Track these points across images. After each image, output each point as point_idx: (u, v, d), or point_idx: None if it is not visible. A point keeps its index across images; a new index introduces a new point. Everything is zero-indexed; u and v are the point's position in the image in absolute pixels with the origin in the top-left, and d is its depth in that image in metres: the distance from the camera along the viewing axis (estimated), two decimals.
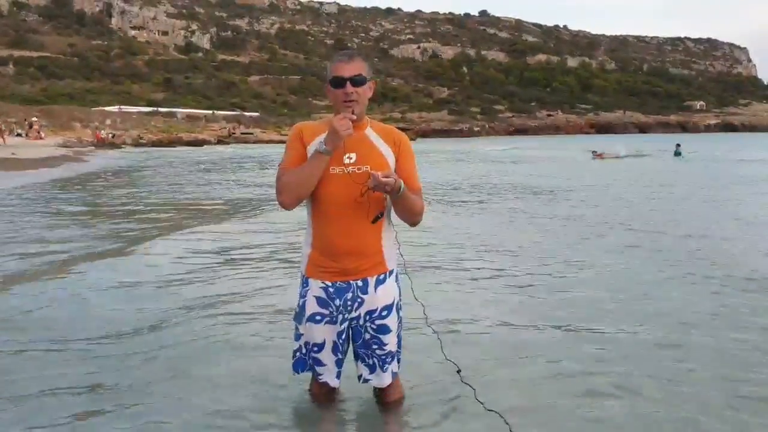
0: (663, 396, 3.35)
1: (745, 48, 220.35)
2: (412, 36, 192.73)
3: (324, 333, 2.79)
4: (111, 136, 54.26)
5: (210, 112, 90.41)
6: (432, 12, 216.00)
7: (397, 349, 2.90)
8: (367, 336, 2.82)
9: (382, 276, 2.78)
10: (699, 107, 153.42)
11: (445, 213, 11.11)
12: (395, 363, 2.91)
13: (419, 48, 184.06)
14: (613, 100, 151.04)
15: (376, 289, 2.77)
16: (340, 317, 2.77)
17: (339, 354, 2.84)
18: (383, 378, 2.88)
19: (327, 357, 2.83)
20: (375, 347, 2.83)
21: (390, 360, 2.87)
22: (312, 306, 2.78)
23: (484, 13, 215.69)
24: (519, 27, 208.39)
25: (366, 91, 2.68)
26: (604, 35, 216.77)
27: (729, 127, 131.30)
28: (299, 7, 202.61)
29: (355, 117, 2.63)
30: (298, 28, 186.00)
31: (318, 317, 2.78)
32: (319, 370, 2.87)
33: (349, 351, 2.92)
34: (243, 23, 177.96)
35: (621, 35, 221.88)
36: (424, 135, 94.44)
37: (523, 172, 23.31)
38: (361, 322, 2.80)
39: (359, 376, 2.92)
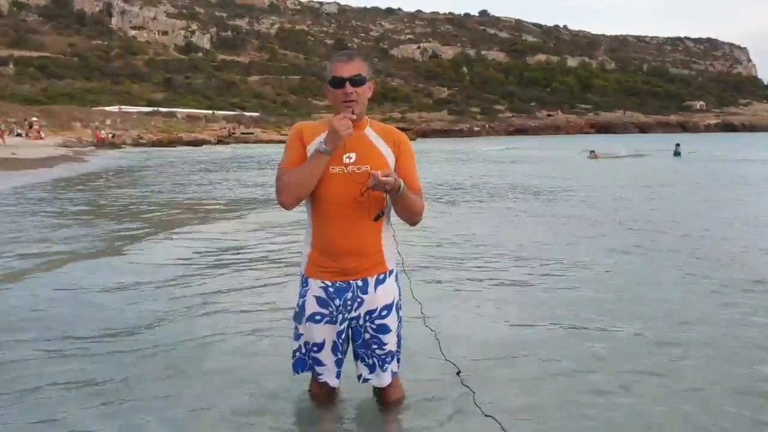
0: (663, 395, 3.35)
1: (745, 48, 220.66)
2: (412, 36, 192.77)
3: (324, 333, 2.79)
4: (111, 136, 54.26)
5: (210, 112, 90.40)
6: (432, 12, 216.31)
7: (397, 349, 2.90)
8: (367, 336, 2.82)
9: (381, 276, 2.78)
10: (699, 107, 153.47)
11: (444, 213, 11.09)
12: (395, 363, 2.91)
13: (419, 48, 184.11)
14: (613, 100, 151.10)
15: (376, 289, 2.77)
16: (339, 317, 2.77)
17: (339, 354, 2.84)
18: (383, 378, 2.88)
19: (327, 357, 2.83)
20: (375, 347, 2.83)
21: (390, 360, 2.87)
22: (312, 306, 2.78)
23: (484, 13, 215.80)
24: (519, 27, 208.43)
25: (365, 91, 2.68)
26: (604, 35, 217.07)
27: (729, 127, 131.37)
28: (299, 7, 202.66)
29: (355, 117, 2.62)
30: (298, 28, 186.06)
31: (318, 317, 2.78)
32: (319, 370, 2.87)
33: (349, 351, 2.91)
34: (243, 23, 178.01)
35: (621, 35, 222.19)
36: (424, 135, 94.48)
37: (520, 171, 23.29)
38: (361, 321, 2.80)
39: (359, 375, 2.92)
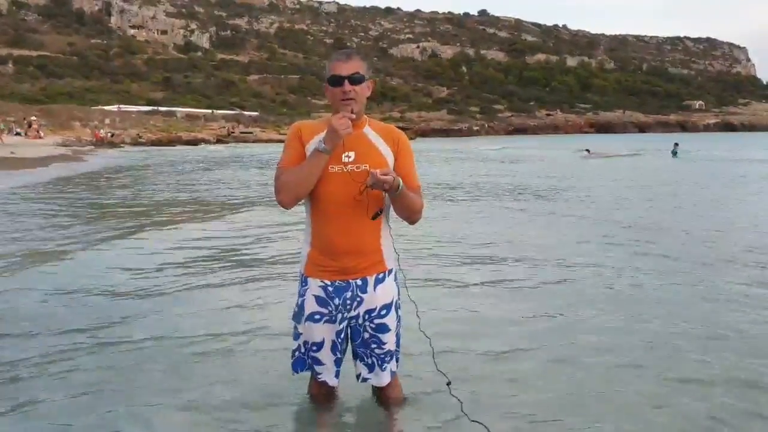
0: (661, 394, 3.35)
1: (745, 47, 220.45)
2: (411, 35, 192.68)
3: (323, 332, 2.79)
4: (110, 135, 54.24)
5: (209, 111, 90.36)
6: (431, 11, 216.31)
7: (396, 348, 2.90)
8: (366, 335, 2.81)
9: (381, 275, 2.78)
10: (698, 107, 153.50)
11: (438, 210, 11.05)
12: (394, 362, 2.90)
13: (418, 47, 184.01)
14: (613, 99, 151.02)
15: (375, 288, 2.77)
16: (339, 316, 2.77)
17: (338, 353, 2.84)
18: (382, 377, 2.88)
19: (326, 356, 2.83)
20: (374, 346, 2.82)
21: (389, 359, 2.87)
22: (311, 305, 2.77)
23: (483, 13, 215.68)
24: (518, 26, 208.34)
25: (364, 90, 2.68)
26: (603, 35, 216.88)
27: (728, 127, 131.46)
28: (298, 7, 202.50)
29: (354, 116, 2.62)
30: (297, 27, 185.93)
31: (317, 316, 2.77)
32: (318, 369, 2.86)
33: (348, 350, 2.90)
34: (242, 22, 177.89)
35: (620, 35, 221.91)
36: (423, 134, 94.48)
37: (513, 171, 23.34)
38: (360, 321, 2.80)
39: (358, 375, 2.91)
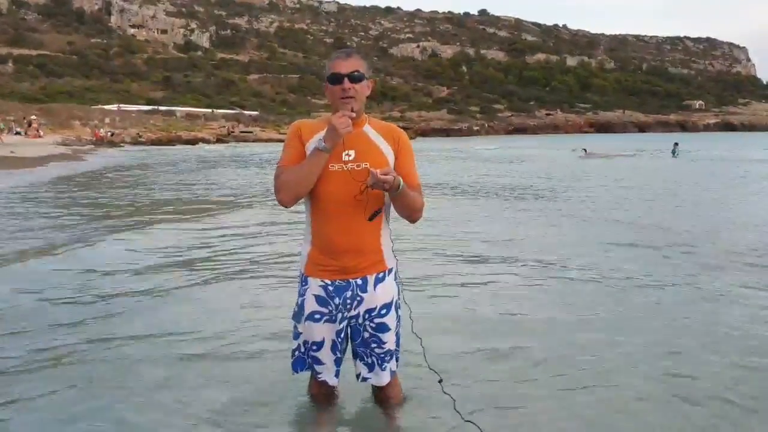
0: (658, 393, 3.35)
1: (745, 47, 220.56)
2: (411, 35, 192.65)
3: (323, 332, 2.78)
4: (110, 134, 54.22)
5: (209, 110, 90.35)
6: (431, 11, 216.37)
7: (396, 348, 2.89)
8: (366, 334, 2.81)
9: (381, 274, 2.78)
10: (698, 106, 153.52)
11: (431, 211, 11.08)
12: (394, 362, 2.89)
13: (418, 47, 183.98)
14: (613, 99, 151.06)
15: (375, 288, 2.76)
16: (339, 316, 2.76)
17: (338, 353, 2.84)
18: (382, 377, 2.87)
19: (326, 356, 2.82)
20: (374, 346, 2.82)
21: (389, 358, 2.86)
22: (311, 304, 2.77)
23: (483, 12, 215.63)
24: (518, 26, 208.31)
25: (364, 89, 2.67)
26: (603, 34, 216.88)
27: (728, 127, 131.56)
28: (298, 6, 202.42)
29: (354, 114, 2.62)
30: (297, 26, 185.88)
31: (317, 316, 2.77)
32: (318, 368, 2.86)
33: (348, 350, 2.90)
34: (242, 22, 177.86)
35: (620, 34, 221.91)
36: (423, 134, 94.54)
37: (506, 171, 23.41)
38: (360, 320, 2.79)
39: (358, 374, 2.91)
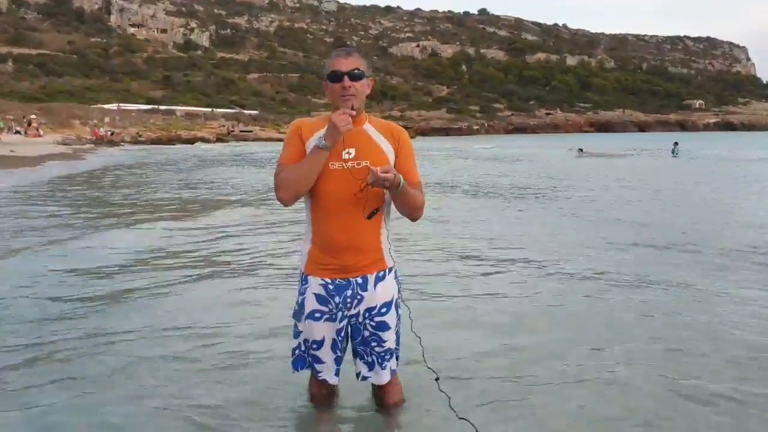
0: (658, 392, 3.35)
1: (744, 47, 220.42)
2: (411, 34, 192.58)
3: (323, 330, 2.78)
4: (110, 133, 54.21)
5: (209, 109, 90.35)
6: (431, 10, 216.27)
7: (396, 347, 2.89)
8: (366, 333, 2.81)
9: (381, 273, 2.78)
10: (698, 106, 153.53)
11: (433, 208, 11.07)
12: (394, 360, 2.89)
13: (418, 46, 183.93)
14: (613, 98, 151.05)
15: (375, 286, 2.76)
16: (339, 314, 2.76)
17: (338, 351, 2.84)
18: (382, 375, 2.87)
19: (326, 354, 2.82)
20: (374, 344, 2.82)
21: (389, 357, 2.86)
22: (311, 303, 2.77)
23: (483, 12, 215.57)
24: (518, 25, 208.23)
25: (364, 87, 2.67)
26: (603, 34, 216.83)
27: (728, 126, 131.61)
28: (298, 5, 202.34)
29: (354, 112, 2.62)
30: (297, 26, 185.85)
31: (317, 314, 2.77)
32: (318, 367, 2.86)
33: (348, 349, 2.89)
34: (242, 21, 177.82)
35: (620, 34, 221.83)
36: (423, 133, 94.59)
37: (502, 170, 23.47)
38: (361, 319, 2.79)
39: (358, 373, 2.91)
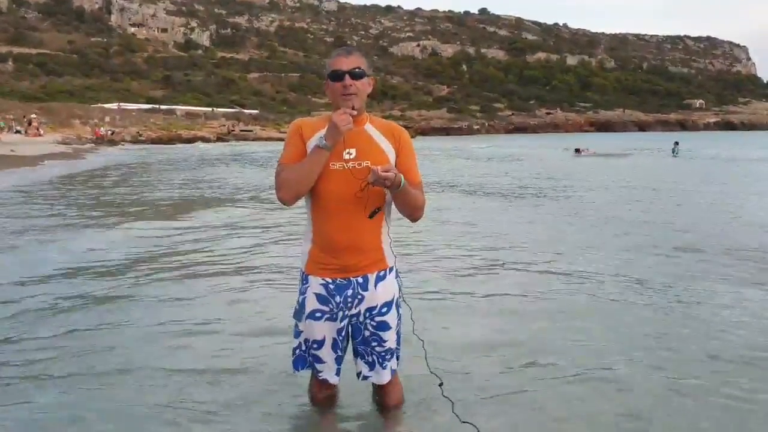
0: (661, 391, 3.35)
1: (745, 46, 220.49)
2: (411, 34, 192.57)
3: (324, 330, 2.78)
4: (110, 133, 54.17)
5: (209, 109, 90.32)
6: (432, 10, 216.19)
7: (397, 347, 2.89)
8: (367, 333, 2.81)
9: (382, 273, 2.77)
10: (698, 105, 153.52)
11: (434, 208, 11.06)
12: (394, 360, 2.89)
13: (419, 46, 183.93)
14: (613, 98, 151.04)
15: (376, 286, 2.76)
16: (340, 314, 2.76)
17: (339, 351, 2.83)
18: (382, 375, 2.87)
19: (327, 354, 2.82)
20: (374, 344, 2.81)
21: (389, 357, 2.85)
22: (312, 303, 2.77)
23: (483, 11, 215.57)
24: (519, 25, 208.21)
25: (365, 86, 2.67)
26: (603, 33, 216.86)
27: (728, 126, 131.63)
28: (299, 5, 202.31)
29: (355, 112, 2.61)
30: (297, 25, 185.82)
31: (318, 314, 2.77)
32: (319, 367, 2.86)
33: (349, 349, 2.89)
34: (242, 20, 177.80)
35: (621, 33, 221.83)
36: (423, 133, 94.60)
37: (503, 169, 23.51)
38: (361, 318, 2.79)
39: (358, 373, 2.90)
